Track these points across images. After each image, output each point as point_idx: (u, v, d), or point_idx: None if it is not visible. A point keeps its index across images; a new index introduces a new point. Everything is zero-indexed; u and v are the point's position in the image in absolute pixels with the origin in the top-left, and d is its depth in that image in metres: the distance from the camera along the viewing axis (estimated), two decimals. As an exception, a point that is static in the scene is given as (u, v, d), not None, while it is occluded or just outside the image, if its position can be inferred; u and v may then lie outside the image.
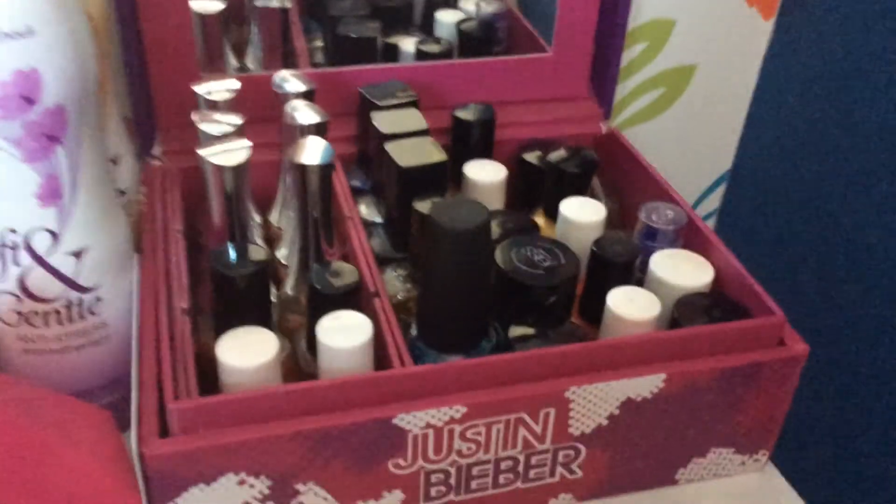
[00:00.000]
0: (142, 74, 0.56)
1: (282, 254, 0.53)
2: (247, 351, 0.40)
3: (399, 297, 0.50)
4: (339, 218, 0.54)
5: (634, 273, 0.50)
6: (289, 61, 0.66)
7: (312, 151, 0.45)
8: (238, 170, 0.44)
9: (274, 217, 0.57)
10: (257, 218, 0.56)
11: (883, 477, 0.76)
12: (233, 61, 0.67)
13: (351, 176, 0.59)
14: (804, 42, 0.73)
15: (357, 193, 0.58)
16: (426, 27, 0.75)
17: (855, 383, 0.78)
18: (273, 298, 0.50)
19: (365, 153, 0.59)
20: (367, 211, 0.56)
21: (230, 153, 0.45)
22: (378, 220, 0.56)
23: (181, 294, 0.45)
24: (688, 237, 0.53)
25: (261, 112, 0.56)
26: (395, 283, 0.50)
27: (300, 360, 0.47)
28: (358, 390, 0.40)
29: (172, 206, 0.53)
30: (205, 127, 0.47)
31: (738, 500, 0.48)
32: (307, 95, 0.52)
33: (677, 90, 0.74)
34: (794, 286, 0.81)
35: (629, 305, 0.45)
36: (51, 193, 0.40)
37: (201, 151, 0.44)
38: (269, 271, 0.44)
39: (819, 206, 0.78)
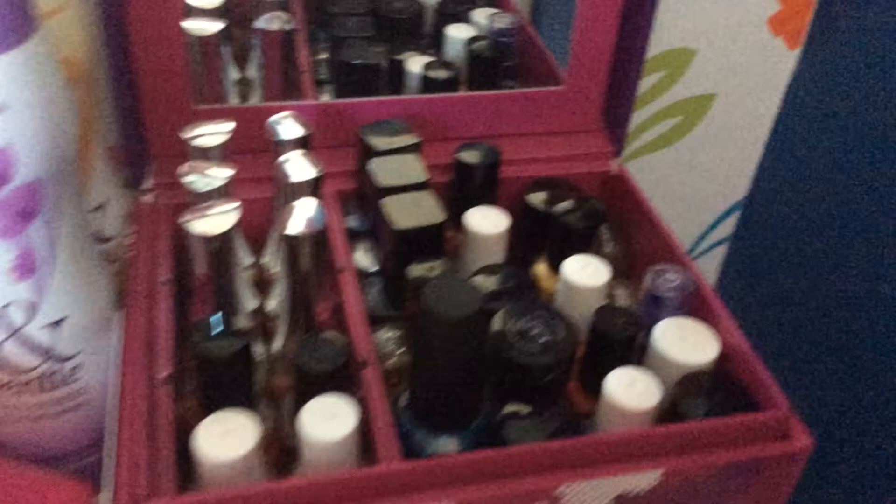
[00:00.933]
0: (132, 103, 0.54)
1: (273, 304, 0.51)
2: (225, 441, 0.39)
3: (392, 363, 0.48)
4: (333, 268, 0.52)
5: (636, 346, 0.48)
6: (290, 88, 0.63)
7: (301, 218, 0.43)
8: (224, 237, 0.42)
9: (268, 258, 0.55)
10: (249, 260, 0.55)
11: None
12: (232, 85, 0.64)
13: (349, 216, 0.56)
14: (829, 73, 0.70)
15: (354, 236, 0.55)
16: (436, 40, 0.72)
17: (863, 443, 0.76)
18: (260, 357, 0.49)
19: (363, 190, 0.57)
20: (363, 258, 0.54)
21: (216, 217, 0.43)
22: (375, 269, 0.54)
23: (163, 359, 0.44)
24: (694, 303, 0.51)
25: (257, 144, 0.54)
26: (387, 346, 0.49)
27: (286, 427, 0.46)
28: (340, 489, 0.38)
29: (161, 251, 0.51)
30: (192, 183, 0.45)
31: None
32: (303, 142, 0.49)
33: (694, 119, 0.71)
34: (802, 320, 0.79)
35: (628, 391, 0.44)
36: (26, 267, 0.39)
37: (183, 220, 0.42)
38: (251, 349, 0.42)
39: (832, 240, 0.76)
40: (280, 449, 0.46)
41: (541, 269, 0.56)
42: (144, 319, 0.46)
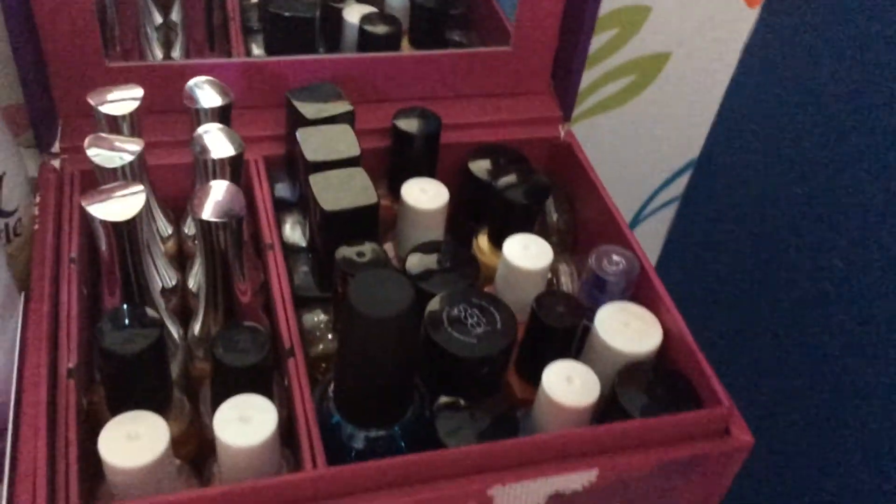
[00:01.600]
0: (37, 57, 0.49)
1: (193, 281, 0.48)
2: (132, 446, 0.36)
3: (320, 348, 0.45)
4: (260, 243, 0.48)
5: (577, 336, 0.46)
6: (216, 35, 0.58)
7: (218, 202, 0.39)
8: (130, 224, 0.38)
9: (189, 227, 0.51)
10: (169, 230, 0.51)
11: None
12: (154, 30, 0.59)
13: (277, 184, 0.53)
14: (788, 32, 0.67)
15: (283, 208, 0.52)
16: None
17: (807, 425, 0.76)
18: (178, 338, 0.46)
19: (293, 158, 0.53)
20: (291, 232, 0.51)
21: (122, 200, 0.39)
22: (303, 244, 0.50)
23: (69, 348, 0.41)
24: (638, 286, 0.49)
25: (176, 105, 0.50)
26: (316, 331, 0.46)
27: (204, 418, 0.43)
28: (258, 498, 0.36)
29: (68, 225, 0.47)
30: (97, 158, 0.41)
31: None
32: (223, 111, 0.45)
33: (648, 78, 0.68)
34: (748, 285, 0.78)
35: (566, 388, 0.42)
36: None
37: (85, 202, 0.38)
38: (164, 344, 0.39)
39: (784, 201, 0.74)
40: (198, 440, 0.43)
41: (482, 241, 0.53)
42: (49, 302, 0.42)
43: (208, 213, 0.39)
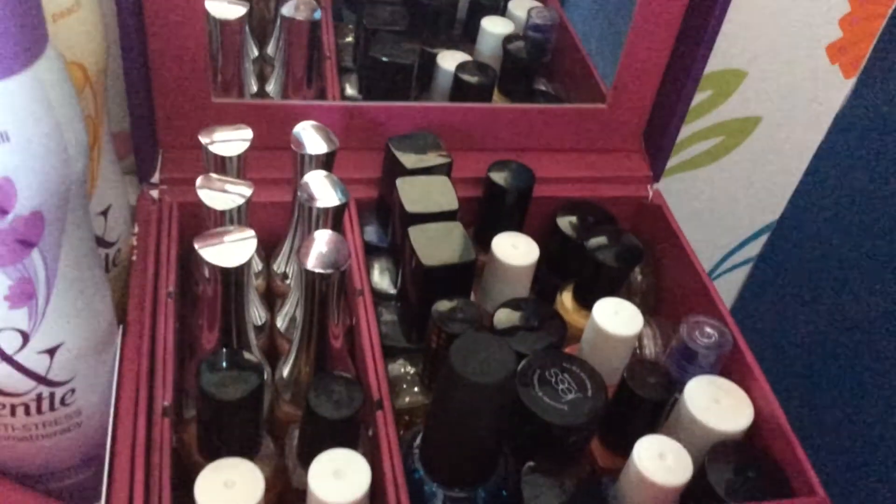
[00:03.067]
0: (146, 92, 0.50)
1: (282, 323, 0.48)
2: (228, 494, 0.36)
3: (406, 402, 0.45)
4: (349, 287, 0.49)
5: (666, 408, 0.45)
6: (312, 72, 0.59)
7: (323, 252, 0.40)
8: (238, 270, 0.39)
9: (279, 266, 0.52)
10: (259, 267, 0.51)
11: None
12: (250, 62, 0.60)
13: (367, 227, 0.53)
14: (882, 104, 0.66)
15: (372, 252, 0.52)
16: (469, 30, 0.68)
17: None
18: (266, 379, 0.46)
19: (386, 203, 0.53)
20: (380, 279, 0.51)
21: (232, 246, 0.39)
22: (392, 291, 0.50)
23: (164, 385, 0.41)
24: (728, 360, 0.48)
25: (276, 140, 0.51)
26: (402, 384, 0.46)
27: (289, 464, 0.43)
28: (347, 557, 0.36)
29: (166, 257, 0.47)
30: (207, 199, 0.42)
31: None
32: (328, 159, 0.46)
33: (737, 140, 0.67)
34: (822, 344, 0.76)
35: (658, 465, 0.41)
36: (21, 295, 0.35)
37: (198, 247, 0.39)
38: (263, 391, 0.39)
39: (855, 272, 0.73)
40: (282, 486, 0.43)
41: (566, 299, 0.53)
42: (145, 337, 0.43)
43: (313, 263, 0.39)
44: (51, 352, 0.38)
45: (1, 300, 0.35)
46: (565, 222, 0.55)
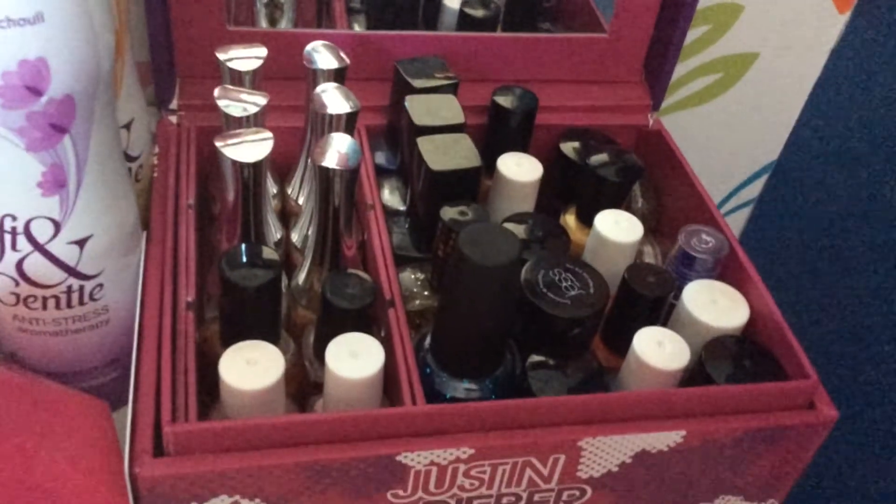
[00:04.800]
0: (164, 19, 0.52)
1: (296, 237, 0.51)
2: (251, 370, 0.38)
3: (416, 305, 0.47)
4: (361, 203, 0.51)
5: (665, 309, 0.47)
6: (321, 14, 0.61)
7: (338, 151, 0.42)
8: (257, 166, 0.41)
9: (293, 189, 0.54)
10: (274, 189, 0.54)
11: None
12: (261, 6, 0.62)
13: (377, 152, 0.55)
14: (877, 40, 0.67)
15: (382, 174, 0.54)
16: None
17: (877, 429, 0.76)
18: (283, 288, 0.48)
19: (395, 127, 0.55)
20: (390, 197, 0.53)
21: (250, 145, 0.41)
22: (402, 207, 0.53)
23: (188, 285, 0.43)
24: (726, 266, 0.50)
25: (288, 70, 0.53)
26: (412, 287, 0.48)
27: (306, 362, 0.45)
28: (363, 426, 0.38)
29: (186, 174, 0.50)
30: (226, 107, 0.44)
31: (739, 546, 0.47)
32: (339, 74, 0.48)
33: (735, 77, 0.69)
34: (820, 288, 0.78)
35: (657, 351, 0.43)
36: (54, 183, 0.37)
37: (218, 143, 0.41)
38: (281, 280, 0.41)
39: (856, 207, 0.74)
40: (300, 382, 0.46)
41: (570, 219, 0.55)
42: (168, 242, 0.45)
43: (329, 160, 0.41)
44: (80, 243, 0.40)
45: (34, 187, 0.37)
46: (568, 147, 0.57)
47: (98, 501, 0.37)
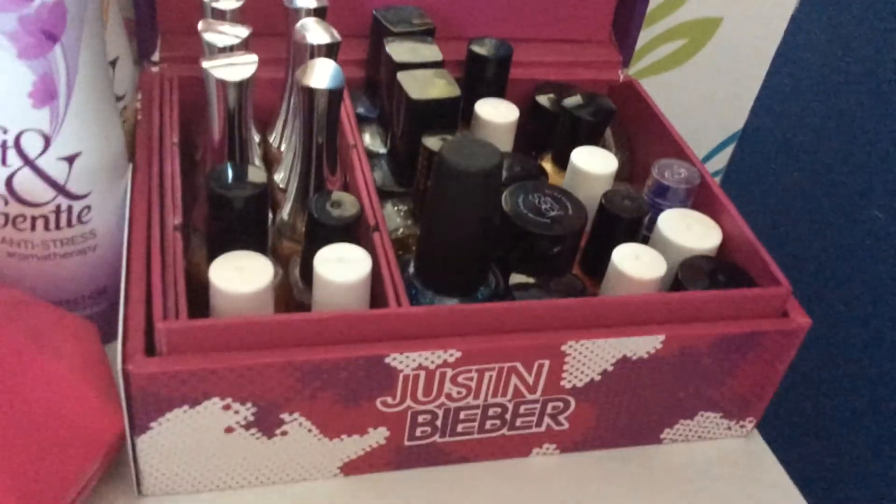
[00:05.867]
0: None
1: (279, 177, 0.51)
2: (240, 276, 0.39)
3: (399, 233, 0.48)
4: (343, 146, 0.52)
5: (642, 230, 0.48)
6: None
7: (321, 74, 0.43)
8: (243, 85, 0.42)
9: (274, 138, 0.55)
10: (257, 137, 0.54)
11: (869, 455, 0.77)
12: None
13: (357, 103, 0.57)
14: (831, 7, 0.70)
15: (362, 122, 0.56)
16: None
17: (849, 359, 0.78)
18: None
19: (373, 80, 0.57)
20: (371, 141, 0.54)
21: (235, 67, 0.42)
22: (382, 151, 0.54)
23: (174, 209, 0.44)
24: (699, 197, 0.51)
25: (267, 26, 0.54)
26: (395, 217, 0.49)
27: (293, 288, 0.46)
28: (352, 326, 0.39)
29: (170, 116, 0.51)
30: (209, 37, 0.45)
31: (720, 464, 0.48)
32: (319, 13, 0.49)
33: (699, 42, 0.72)
34: (793, 255, 0.80)
35: (634, 263, 0.44)
36: (45, 94, 0.38)
37: (205, 63, 0.42)
38: (268, 195, 0.42)
39: (827, 175, 0.77)
40: (286, 305, 0.46)
41: (547, 165, 0.56)
42: (154, 172, 0.46)
43: (313, 81, 0.43)
44: (70, 160, 0.41)
45: (25, 98, 0.38)
46: (543, 98, 0.59)
47: (90, 407, 0.37)
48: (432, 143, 0.47)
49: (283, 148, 0.54)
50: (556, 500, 0.45)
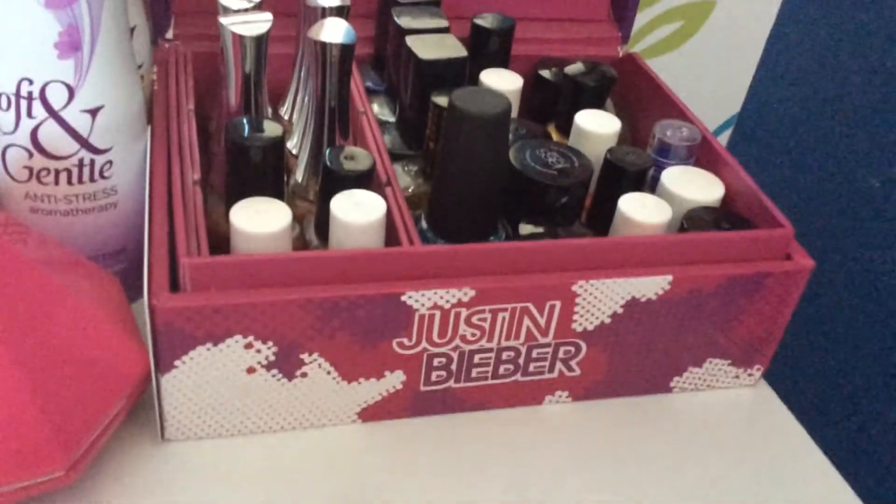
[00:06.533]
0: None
1: (292, 143, 0.53)
2: (260, 218, 0.40)
3: (410, 191, 0.50)
4: (353, 114, 0.53)
5: (646, 185, 0.50)
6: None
7: (334, 31, 0.45)
8: (259, 40, 0.44)
9: (285, 111, 0.56)
10: (269, 111, 0.56)
11: (874, 400, 0.77)
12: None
13: (365, 77, 0.58)
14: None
15: (371, 94, 0.57)
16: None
17: (852, 309, 0.78)
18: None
19: (380, 55, 0.58)
20: (379, 111, 0.56)
21: (251, 24, 0.44)
22: (391, 119, 0.55)
23: (193, 166, 0.45)
24: (701, 156, 0.53)
25: (277, 5, 0.56)
26: (405, 177, 0.50)
27: (308, 245, 0.47)
28: (369, 264, 0.40)
29: (185, 84, 0.52)
30: (225, 1, 0.46)
31: (729, 412, 0.49)
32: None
33: (695, 25, 0.73)
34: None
35: (640, 209, 0.46)
36: (70, 44, 0.40)
37: (222, 20, 0.43)
38: (284, 145, 0.43)
39: (826, 154, 0.79)
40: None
41: (551, 132, 0.58)
42: (173, 133, 0.47)
43: (325, 36, 0.44)
44: (93, 112, 0.42)
45: (51, 48, 0.39)
46: (546, 72, 0.60)
47: (119, 346, 0.38)
48: (441, 100, 0.48)
49: (294, 119, 0.55)
50: (569, 448, 0.46)
